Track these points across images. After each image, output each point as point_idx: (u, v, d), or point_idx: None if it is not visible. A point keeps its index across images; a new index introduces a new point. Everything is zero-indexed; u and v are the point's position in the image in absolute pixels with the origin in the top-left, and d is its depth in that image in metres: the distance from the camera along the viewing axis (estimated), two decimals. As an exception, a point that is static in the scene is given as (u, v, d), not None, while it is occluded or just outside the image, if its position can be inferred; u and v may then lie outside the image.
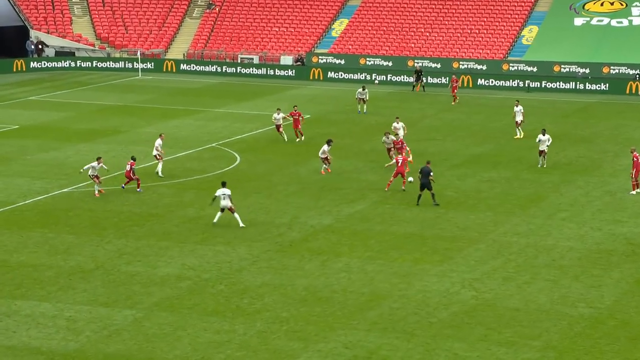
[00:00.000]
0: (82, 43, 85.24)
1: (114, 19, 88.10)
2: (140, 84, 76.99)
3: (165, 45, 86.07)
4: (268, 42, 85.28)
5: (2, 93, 70.93)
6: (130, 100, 69.32)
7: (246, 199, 44.24)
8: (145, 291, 33.06)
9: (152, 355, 28.19)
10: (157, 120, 62.15)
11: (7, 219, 40.69)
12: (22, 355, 27.92)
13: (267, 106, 67.25)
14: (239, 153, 53.34)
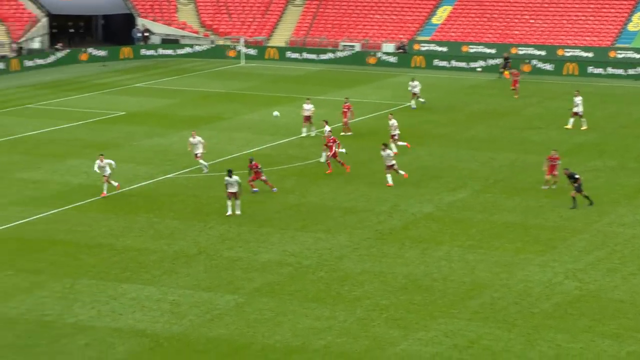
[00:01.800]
0: (186, 30, 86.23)
1: (218, 6, 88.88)
2: (243, 71, 77.57)
3: (268, 33, 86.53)
4: (370, 29, 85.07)
5: (109, 80, 72.22)
6: (233, 88, 69.91)
7: (346, 186, 44.26)
8: (247, 276, 33.33)
9: (253, 340, 28.42)
10: (259, 107, 62.55)
11: (113, 204, 41.43)
12: (128, 337, 28.42)
13: (368, 94, 67.14)
14: (342, 140, 53.28)
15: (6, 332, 28.60)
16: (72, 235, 37.23)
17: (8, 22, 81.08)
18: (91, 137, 53.20)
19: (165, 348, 27.91)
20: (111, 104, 62.75)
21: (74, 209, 40.40)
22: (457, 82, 73.30)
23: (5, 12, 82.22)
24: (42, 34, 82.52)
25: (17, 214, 39.39)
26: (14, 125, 55.91)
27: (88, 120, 57.84)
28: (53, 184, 43.65)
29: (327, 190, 43.52)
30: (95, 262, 34.45)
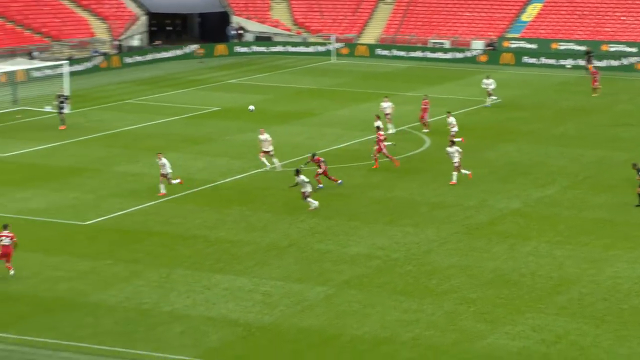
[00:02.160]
0: (279, 28, 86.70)
1: (310, 4, 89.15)
2: (334, 67, 77.70)
3: (358, 30, 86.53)
4: (459, 27, 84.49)
5: (205, 76, 72.99)
6: (324, 84, 70.07)
7: (434, 181, 44.07)
8: (336, 269, 33.42)
9: (343, 331, 28.49)
10: (349, 103, 62.60)
11: (208, 197, 41.89)
12: (221, 326, 28.72)
13: (457, 90, 66.73)
14: (428, 136, 53.13)
15: (106, 319, 29.14)
16: (168, 226, 37.75)
17: (109, 21, 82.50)
18: (187, 132, 53.85)
19: (257, 337, 28.15)
20: (206, 100, 63.41)
21: (169, 202, 40.96)
22: (546, 79, 72.41)
23: (107, 10, 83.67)
24: (141, 31, 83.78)
25: (116, 206, 40.09)
26: (114, 120, 56.88)
27: (184, 115, 58.56)
28: (150, 177, 44.30)
29: (415, 186, 43.38)
30: (190, 252, 34.88)
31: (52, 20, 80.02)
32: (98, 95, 64.37)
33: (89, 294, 31.01)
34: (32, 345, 27.28)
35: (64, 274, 32.64)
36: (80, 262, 33.65)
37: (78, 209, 39.62)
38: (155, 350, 27.03)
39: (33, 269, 32.89)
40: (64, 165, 46.52)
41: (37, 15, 79.91)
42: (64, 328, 28.36)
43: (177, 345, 27.46)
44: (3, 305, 29.96)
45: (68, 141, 51.41)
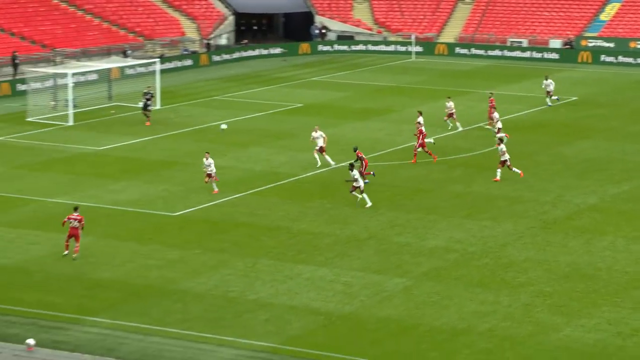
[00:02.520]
0: (361, 27, 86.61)
1: (391, 4, 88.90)
2: (414, 66, 77.38)
3: (437, 29, 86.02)
4: (537, 26, 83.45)
5: (289, 74, 73.27)
6: (403, 82, 69.80)
7: (512, 177, 43.61)
8: (415, 261, 33.30)
9: (421, 321, 28.39)
10: (428, 100, 62.27)
11: (290, 190, 42.05)
12: (304, 315, 28.83)
13: (534, 88, 65.89)
14: (506, 133, 52.54)
15: (195, 305, 29.46)
16: (253, 218, 37.99)
17: (198, 20, 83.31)
18: (270, 127, 54.12)
19: (338, 326, 28.19)
20: (289, 96, 63.64)
21: (254, 194, 41.22)
22: (624, 77, 71.17)
23: (197, 11, 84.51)
24: (228, 31, 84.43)
25: (205, 198, 40.47)
26: (202, 115, 57.42)
27: (268, 111, 58.86)
28: (236, 170, 44.64)
29: (493, 180, 42.96)
30: (274, 243, 35.07)
31: (145, 20, 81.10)
32: (187, 92, 65.04)
33: (178, 281, 31.38)
34: (124, 330, 27.70)
35: (155, 262, 33.07)
36: (170, 251, 34.06)
37: (168, 201, 40.10)
38: (241, 337, 27.24)
39: (125, 257, 33.39)
40: (155, 159, 47.12)
41: (131, 15, 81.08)
42: (154, 314, 28.74)
43: (262, 332, 27.64)
44: (97, 292, 30.48)
45: (159, 136, 52.05)
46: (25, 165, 45.49)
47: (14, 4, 75.97)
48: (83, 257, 33.32)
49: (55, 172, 44.30)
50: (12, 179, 42.82)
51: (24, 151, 48.13)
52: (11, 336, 27.06)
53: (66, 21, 76.98)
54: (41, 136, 51.49)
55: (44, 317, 28.39)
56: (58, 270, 32.18)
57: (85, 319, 28.31)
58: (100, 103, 59.77)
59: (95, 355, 26.12)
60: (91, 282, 31.19)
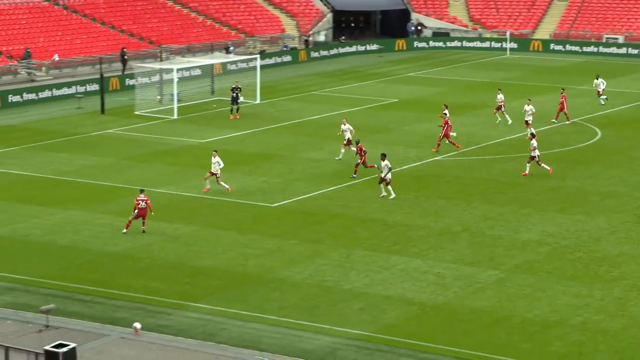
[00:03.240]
0: (456, 24, 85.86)
1: (487, 1, 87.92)
2: (508, 62, 76.38)
3: (533, 26, 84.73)
4: (634, 22, 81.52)
5: (385, 69, 73.06)
6: (498, 77, 68.92)
7: (605, 171, 42.78)
8: (507, 254, 32.89)
9: (513, 313, 28.03)
10: (522, 95, 61.36)
11: (386, 182, 41.86)
12: (398, 305, 28.72)
13: (630, 84, 64.48)
14: (600, 128, 51.60)
15: (292, 294, 29.61)
16: (348, 210, 38.00)
17: (298, 17, 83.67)
18: (367, 122, 54.03)
19: (431, 316, 28.02)
20: (385, 92, 63.46)
21: (349, 187, 41.21)
22: None
23: (296, 8, 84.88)
24: (327, 28, 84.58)
25: (301, 190, 40.65)
26: (300, 110, 57.66)
27: (364, 106, 58.79)
28: (332, 163, 44.70)
29: (586, 175, 42.20)
30: (368, 235, 35.02)
31: (247, 17, 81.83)
32: (286, 87, 65.39)
33: (275, 270, 31.58)
34: (224, 316, 28.00)
35: (253, 251, 33.35)
36: (268, 241, 34.30)
37: (266, 192, 40.38)
38: (336, 325, 27.28)
39: (226, 246, 33.74)
40: (255, 152, 47.51)
41: (234, 13, 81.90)
42: (252, 301, 28.99)
43: (356, 320, 27.63)
44: (198, 279, 30.87)
45: (258, 129, 52.46)
46: (133, 156, 46.33)
47: (123, 2, 77.48)
48: (186, 245, 33.81)
49: (161, 164, 45.02)
50: (121, 170, 43.69)
51: (132, 143, 49.04)
52: (119, 320, 27.61)
53: (172, 19, 78.17)
54: (148, 129, 52.39)
55: (149, 302, 28.89)
56: (163, 257, 32.71)
57: (188, 305, 28.71)
58: (203, 97, 60.52)
59: (198, 340, 26.47)
60: (193, 270, 31.62)
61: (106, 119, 54.89)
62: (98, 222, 35.95)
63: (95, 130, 51.94)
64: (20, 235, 34.72)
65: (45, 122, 53.94)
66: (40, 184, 41.55)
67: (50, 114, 56.29)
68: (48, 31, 70.64)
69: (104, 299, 29.10)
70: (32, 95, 59.43)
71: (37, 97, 59.62)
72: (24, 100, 58.85)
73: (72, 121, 54.33)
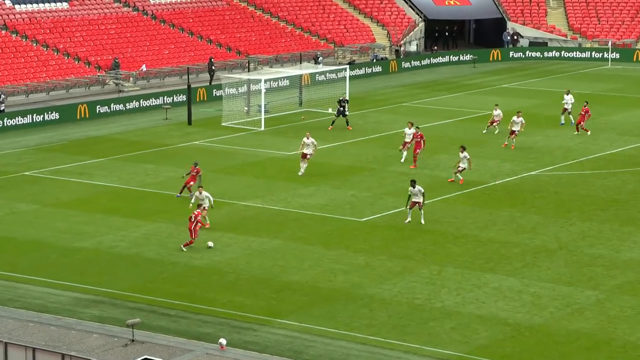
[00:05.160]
0: (554, 34, 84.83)
1: (587, 10, 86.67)
2: (610, 73, 75.14)
3: (637, 35, 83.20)
4: None
5: (479, 80, 72.55)
6: (598, 89, 67.87)
7: None
8: (608, 273, 32.30)
9: (614, 336, 27.49)
10: (624, 108, 60.34)
11: (478, 197, 41.59)
12: (491, 325, 28.43)
13: None
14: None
15: (381, 311, 29.53)
16: (439, 225, 37.78)
17: (389, 27, 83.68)
18: (458, 135, 53.68)
19: (526, 337, 27.65)
20: (479, 103, 62.98)
21: (441, 201, 40.98)
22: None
23: (387, 17, 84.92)
24: (418, 37, 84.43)
25: (391, 204, 40.55)
26: (390, 122, 57.57)
27: (456, 118, 58.44)
28: (423, 177, 44.49)
29: None
30: (460, 251, 34.76)
31: (336, 27, 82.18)
32: (376, 98, 65.39)
33: (364, 287, 31.54)
34: (311, 333, 28.06)
35: (341, 267, 33.37)
36: (356, 257, 34.29)
37: (355, 206, 40.40)
38: (426, 344, 27.12)
39: (312, 261, 33.84)
40: (344, 164, 47.59)
41: (323, 22, 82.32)
42: (340, 318, 29.00)
43: (448, 340, 27.42)
44: (285, 294, 31.01)
45: (347, 141, 52.56)
46: (220, 168, 46.84)
47: (211, 12, 78.56)
48: (272, 259, 34.02)
49: (248, 176, 45.42)
50: (209, 182, 44.15)
51: (218, 155, 49.59)
52: (204, 335, 27.89)
53: (260, 28, 78.95)
54: (235, 140, 52.93)
55: (235, 317, 29.12)
56: (249, 272, 32.95)
57: (274, 321, 28.86)
58: (291, 109, 60.89)
59: (284, 357, 26.56)
60: (280, 285, 31.77)
61: (193, 130, 55.63)
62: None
63: (181, 142, 52.68)
64: (106, 247, 35.38)
65: (132, 133, 54.92)
66: (127, 195, 42.28)
67: (137, 124, 57.28)
68: (136, 41, 72.02)
69: (190, 313, 29.44)
70: (119, 106, 60.58)
71: (125, 107, 60.75)
72: (111, 111, 60.03)
73: (158, 132, 55.20)
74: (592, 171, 45.32)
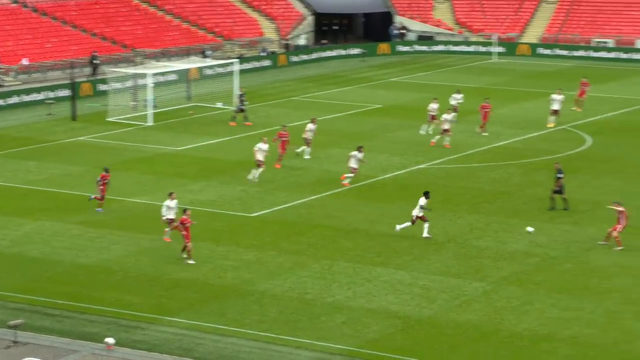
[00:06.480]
0: (441, 28, 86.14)
1: (473, 4, 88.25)
2: (495, 66, 76.69)
3: (520, 30, 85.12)
4: (624, 26, 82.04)
5: (368, 74, 73.19)
6: (485, 82, 69.20)
7: (595, 179, 43.00)
8: (495, 265, 32.98)
9: (501, 327, 28.09)
10: (509, 101, 61.64)
11: (369, 192, 41.97)
12: (382, 318, 28.74)
13: (620, 90, 64.88)
14: (591, 135, 51.85)
15: (272, 307, 29.57)
16: (330, 220, 38.00)
17: (278, 21, 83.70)
18: (349, 128, 54.09)
19: (416, 330, 28.04)
20: (368, 97, 63.56)
21: (331, 196, 41.23)
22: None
23: (276, 11, 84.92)
24: (307, 31, 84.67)
25: (281, 199, 40.63)
26: (280, 116, 57.62)
27: (346, 112, 58.85)
28: (314, 172, 44.71)
29: (576, 184, 42.36)
30: (351, 245, 35.03)
31: (224, 20, 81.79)
32: (265, 93, 65.37)
33: (255, 282, 31.53)
34: (201, 330, 27.92)
35: (232, 263, 33.29)
36: (247, 252, 34.26)
37: (245, 201, 40.34)
38: (317, 339, 27.26)
39: (202, 258, 33.65)
40: (233, 160, 47.45)
41: (211, 16, 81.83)
42: (231, 315, 28.93)
43: (339, 335, 27.62)
44: (175, 292, 30.78)
45: (237, 136, 52.41)
46: (108, 165, 46.13)
47: (95, 5, 77.30)
48: (162, 257, 33.71)
49: (136, 172, 44.90)
50: (93, 179, 43.49)
51: (104, 151, 48.88)
52: (91, 335, 27.49)
53: (146, 22, 78.05)
54: (122, 136, 52.25)
55: (122, 316, 28.78)
56: (138, 269, 32.60)
57: (163, 319, 28.62)
58: (179, 103, 60.41)
59: (173, 355, 26.37)
60: (170, 282, 31.53)
61: (77, 125, 54.72)
62: (69, 233, 35.79)
63: (66, 138, 51.75)
64: (-12, 246, 34.54)
65: (13, 129, 53.73)
66: (9, 193, 41.35)
67: (19, 120, 56.06)
68: (16, 34, 70.40)
69: (75, 313, 28.98)
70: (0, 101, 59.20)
71: (5, 102, 59.39)
72: (-8, 106, 58.64)
73: (42, 128, 54.13)
74: (480, 164, 46.20)
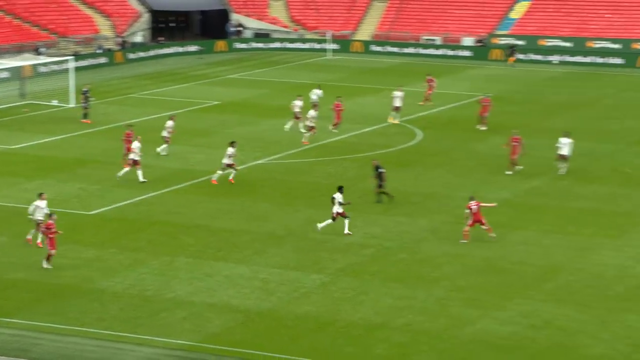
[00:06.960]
0: (277, 25, 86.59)
1: (307, 2, 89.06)
2: (330, 63, 77.67)
3: (353, 27, 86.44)
4: (450, 24, 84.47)
5: (204, 71, 72.92)
6: (321, 79, 69.91)
7: (426, 172, 44.14)
8: (331, 257, 33.47)
9: (338, 317, 28.55)
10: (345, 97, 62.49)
11: (209, 187, 41.86)
12: (223, 312, 28.76)
13: (448, 85, 66.74)
14: (422, 129, 53.18)
15: (112, 305, 29.17)
16: (170, 216, 37.75)
17: (113, 18, 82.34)
18: (188, 125, 53.73)
19: (256, 323, 28.19)
20: (206, 94, 63.36)
21: (172, 192, 40.96)
22: (534, 74, 72.51)
23: (111, 8, 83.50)
24: (144, 28, 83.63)
25: (120, 196, 40.08)
26: (118, 113, 56.82)
27: (185, 109, 58.50)
28: (153, 169, 44.27)
29: (408, 177, 43.41)
30: (192, 241, 34.89)
31: (58, 17, 79.85)
32: (102, 90, 64.25)
33: (94, 280, 31.03)
34: (39, 330, 27.29)
35: (70, 261, 32.65)
36: (86, 250, 33.67)
37: (83, 199, 39.62)
38: (158, 335, 27.06)
39: (39, 257, 32.85)
40: (71, 157, 46.49)
41: (44, 12, 79.75)
42: (70, 314, 28.39)
43: (180, 330, 27.49)
44: (10, 293, 29.97)
45: (74, 134, 51.36)
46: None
47: None
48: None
49: (-33, 172, 43.40)
50: None
51: None
52: None
53: (-24, 18, 75.48)
54: (-48, 135, 50.40)
55: (-44, 319, 27.82)
56: (-29, 271, 31.56)
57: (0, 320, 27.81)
58: (12, 101, 58.72)
59: (9, 357, 25.67)
60: (5, 283, 30.66)
61: None
62: None
63: None
64: None
65: None
66: None
67: None
68: None
69: None
70: None
71: None
72: None
73: None
74: (316, 159, 46.74)
